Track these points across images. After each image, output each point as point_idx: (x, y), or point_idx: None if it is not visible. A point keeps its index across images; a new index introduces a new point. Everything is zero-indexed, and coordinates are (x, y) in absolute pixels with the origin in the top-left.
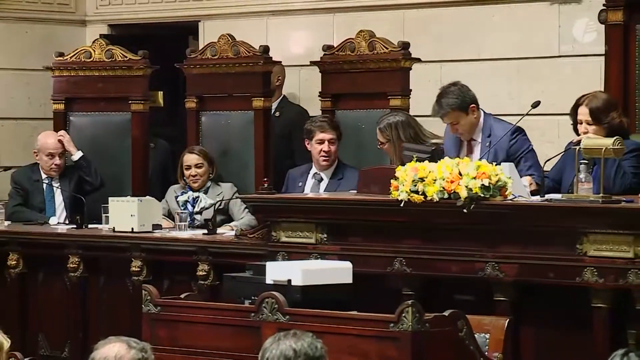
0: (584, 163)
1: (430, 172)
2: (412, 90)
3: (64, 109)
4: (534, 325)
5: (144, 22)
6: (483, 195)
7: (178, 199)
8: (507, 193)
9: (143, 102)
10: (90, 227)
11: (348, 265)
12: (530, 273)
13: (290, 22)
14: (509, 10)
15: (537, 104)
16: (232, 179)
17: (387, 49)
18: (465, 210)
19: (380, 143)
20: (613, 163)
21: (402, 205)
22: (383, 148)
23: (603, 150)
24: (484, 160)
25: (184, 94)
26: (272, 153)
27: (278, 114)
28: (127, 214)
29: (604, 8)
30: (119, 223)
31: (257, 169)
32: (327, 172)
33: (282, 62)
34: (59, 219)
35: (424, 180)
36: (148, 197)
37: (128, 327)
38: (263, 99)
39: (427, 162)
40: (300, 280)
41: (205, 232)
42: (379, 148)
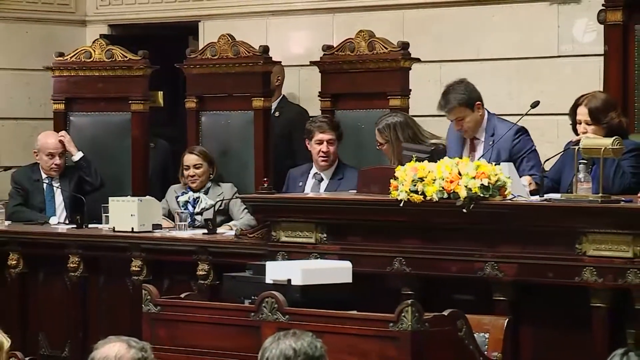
0: (583, 163)
1: (430, 172)
2: (411, 90)
3: (64, 109)
4: (533, 325)
5: (144, 22)
6: (482, 195)
7: (179, 200)
8: (506, 193)
9: (143, 102)
10: (91, 227)
11: (348, 265)
12: (530, 273)
13: (290, 22)
14: (509, 11)
15: (536, 104)
16: (232, 179)
17: (386, 49)
18: (465, 210)
19: (379, 144)
20: (612, 163)
21: (401, 205)
22: (382, 149)
23: (602, 150)
24: (484, 160)
25: (184, 94)
26: (272, 153)
27: (278, 114)
28: (127, 214)
29: (603, 8)
30: (119, 223)
31: (257, 169)
32: (327, 172)
33: (282, 62)
34: (59, 219)
35: (424, 180)
36: (148, 197)
37: (128, 326)
38: (263, 99)
39: (426, 162)
40: (300, 280)
41: (205, 232)
42: (378, 149)
